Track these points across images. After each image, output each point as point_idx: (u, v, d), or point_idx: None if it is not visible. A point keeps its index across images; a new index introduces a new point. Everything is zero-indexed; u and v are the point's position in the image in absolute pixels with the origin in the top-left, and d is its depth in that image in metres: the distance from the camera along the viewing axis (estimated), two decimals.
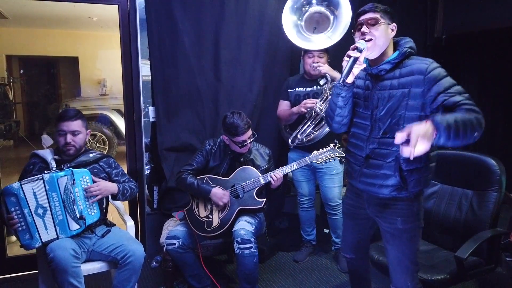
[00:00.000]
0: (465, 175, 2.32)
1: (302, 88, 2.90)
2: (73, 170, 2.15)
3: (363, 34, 1.72)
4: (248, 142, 2.48)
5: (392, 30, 1.75)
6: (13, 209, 2.07)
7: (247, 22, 3.08)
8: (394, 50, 1.77)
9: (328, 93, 2.74)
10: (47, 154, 2.26)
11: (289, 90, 2.93)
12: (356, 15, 1.80)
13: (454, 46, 3.70)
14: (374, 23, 1.71)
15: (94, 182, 2.21)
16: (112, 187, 2.28)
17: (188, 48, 2.96)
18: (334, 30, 2.78)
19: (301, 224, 3.16)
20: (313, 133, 2.79)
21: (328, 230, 3.46)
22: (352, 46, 1.71)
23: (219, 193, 2.45)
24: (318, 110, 2.74)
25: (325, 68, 2.75)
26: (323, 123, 2.76)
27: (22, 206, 2.07)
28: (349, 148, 1.94)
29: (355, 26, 1.79)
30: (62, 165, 2.20)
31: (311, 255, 3.17)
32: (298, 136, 2.82)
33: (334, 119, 1.89)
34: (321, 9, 2.83)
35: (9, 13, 6.08)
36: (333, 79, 2.73)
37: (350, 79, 1.74)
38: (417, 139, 1.41)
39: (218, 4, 2.99)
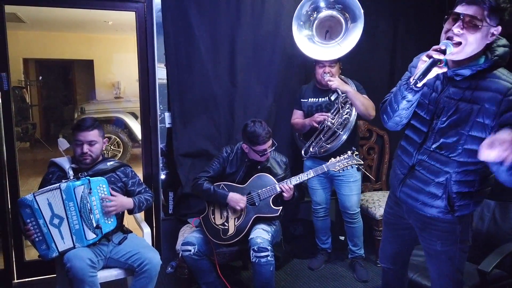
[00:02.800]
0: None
1: (315, 99, 2.86)
2: (90, 179, 2.16)
3: (450, 37, 1.40)
4: (269, 151, 2.46)
5: (493, 34, 1.40)
6: (28, 220, 2.09)
7: (262, 28, 3.07)
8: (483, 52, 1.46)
9: (340, 106, 2.71)
10: (64, 163, 2.28)
11: (302, 100, 2.90)
12: (457, 3, 1.42)
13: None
14: (472, 24, 1.36)
15: (110, 191, 2.22)
16: (128, 203, 2.28)
17: (204, 53, 2.96)
18: (345, 37, 2.70)
19: (316, 233, 3.12)
20: (325, 146, 2.75)
21: (343, 237, 3.43)
22: (435, 47, 1.40)
23: (236, 198, 2.43)
24: (330, 124, 2.70)
25: (335, 83, 2.62)
26: (337, 135, 2.71)
27: (37, 217, 2.09)
28: (398, 151, 1.76)
29: (449, 11, 1.44)
30: (79, 174, 2.21)
31: (326, 263, 3.13)
32: (311, 149, 2.79)
33: (391, 118, 1.63)
34: (333, 13, 2.76)
35: (27, 17, 6.19)
36: (344, 93, 2.65)
37: (420, 84, 1.42)
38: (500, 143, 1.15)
39: (234, 10, 2.98)
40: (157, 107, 2.99)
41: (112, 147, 6.32)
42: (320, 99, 2.83)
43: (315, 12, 2.77)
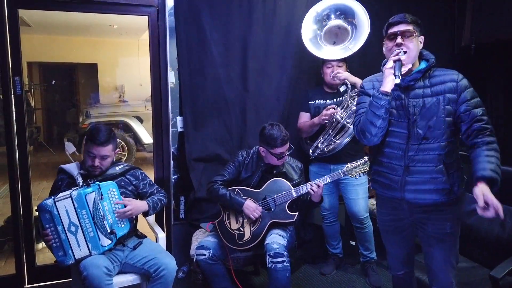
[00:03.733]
0: (509, 191, 2.24)
1: (322, 101, 2.87)
2: (100, 184, 2.14)
3: (398, 45, 1.75)
4: (286, 154, 2.45)
5: (421, 42, 1.81)
6: (47, 225, 2.09)
7: (274, 32, 3.07)
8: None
9: (349, 101, 2.72)
10: (73, 170, 2.25)
11: (309, 102, 2.90)
12: (387, 24, 1.82)
13: (482, 55, 3.64)
14: (409, 35, 1.75)
15: (121, 194, 2.21)
16: (142, 206, 2.27)
17: (216, 58, 2.96)
18: (354, 40, 2.78)
19: (326, 238, 3.11)
20: (334, 142, 2.75)
21: (354, 242, 3.42)
22: (393, 53, 1.75)
23: (252, 206, 2.42)
24: (339, 118, 2.71)
25: (344, 74, 2.72)
26: (346, 129, 2.72)
27: (56, 223, 2.08)
28: (383, 159, 1.89)
29: (386, 35, 1.82)
30: (88, 180, 2.18)
31: (338, 268, 3.11)
32: (319, 145, 2.79)
33: (372, 133, 1.84)
34: (340, 22, 2.84)
35: (32, 20, 6.19)
36: (353, 85, 2.68)
37: (389, 88, 1.75)
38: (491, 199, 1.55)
39: (246, 15, 2.98)
40: (169, 111, 2.99)
41: (117, 151, 6.31)
42: (328, 101, 2.84)
43: (327, 20, 2.84)
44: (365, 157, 2.44)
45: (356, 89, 2.65)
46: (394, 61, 1.73)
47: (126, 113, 6.70)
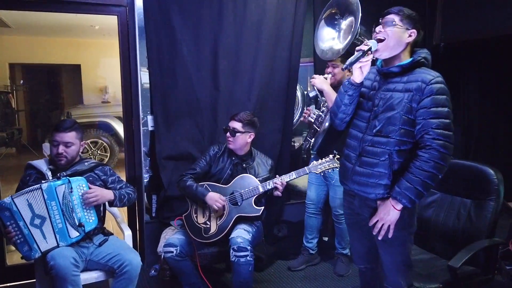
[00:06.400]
0: (464, 184, 2.31)
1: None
2: (70, 178, 2.16)
3: (377, 32, 1.78)
4: (229, 134, 2.58)
5: (410, 35, 1.76)
6: (8, 223, 2.09)
7: (245, 32, 3.09)
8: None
9: (322, 104, 2.83)
10: (41, 165, 2.28)
11: None
12: (380, 16, 1.84)
13: (452, 54, 3.71)
14: (389, 24, 1.75)
15: (90, 187, 2.23)
16: (108, 193, 2.29)
17: (186, 57, 2.98)
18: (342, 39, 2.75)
19: (305, 230, 3.15)
20: (310, 141, 2.86)
21: (327, 238, 3.46)
22: (364, 44, 1.76)
23: (214, 197, 2.47)
24: (311, 119, 2.84)
25: (315, 81, 2.70)
26: (319, 131, 2.78)
27: (16, 219, 2.09)
28: (345, 149, 1.98)
29: (375, 27, 1.84)
30: (58, 174, 2.21)
31: (308, 263, 3.14)
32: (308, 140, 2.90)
33: (337, 116, 1.94)
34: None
35: (12, 22, 6.16)
36: (320, 91, 2.71)
37: (358, 79, 1.80)
38: (386, 227, 1.76)
39: (216, 14, 3.00)
40: (140, 110, 3.00)
41: (99, 151, 6.30)
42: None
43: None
44: (331, 155, 2.49)
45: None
46: (357, 50, 1.75)
47: (108, 113, 6.68)
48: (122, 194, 2.35)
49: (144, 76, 3.01)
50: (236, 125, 2.56)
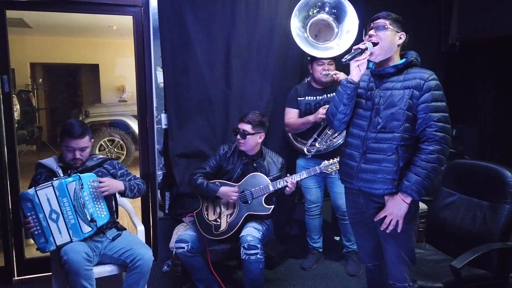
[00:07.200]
0: (481, 185, 2.26)
1: (312, 97, 2.92)
2: (80, 175, 2.22)
3: (370, 36, 1.86)
4: (240, 136, 2.58)
5: (400, 38, 1.87)
6: (29, 213, 2.16)
7: (257, 31, 3.12)
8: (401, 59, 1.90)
9: None
10: (52, 163, 2.33)
11: (298, 98, 2.95)
12: (370, 21, 1.93)
13: (469, 53, 3.65)
14: (382, 28, 1.84)
15: (100, 180, 2.28)
16: (119, 184, 2.34)
17: (199, 56, 3.02)
18: (340, 38, 2.85)
19: (308, 231, 3.16)
20: (331, 140, 2.83)
21: (338, 237, 3.46)
22: (361, 43, 1.85)
23: (227, 191, 2.49)
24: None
25: (341, 75, 2.76)
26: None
27: (37, 211, 2.16)
28: (346, 148, 1.99)
29: (367, 31, 1.92)
30: (69, 171, 2.26)
31: (319, 262, 3.16)
32: (317, 144, 2.85)
33: (336, 116, 1.97)
34: (329, 19, 2.89)
35: (33, 22, 6.32)
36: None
37: (356, 78, 1.86)
38: (395, 221, 1.80)
39: (229, 13, 3.04)
40: (154, 109, 3.06)
41: (115, 149, 6.41)
42: (318, 97, 2.90)
43: (318, 11, 2.90)
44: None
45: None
46: (355, 49, 1.83)
47: (125, 112, 6.80)
48: (132, 185, 2.40)
49: (160, 75, 3.07)
50: (246, 127, 2.57)
